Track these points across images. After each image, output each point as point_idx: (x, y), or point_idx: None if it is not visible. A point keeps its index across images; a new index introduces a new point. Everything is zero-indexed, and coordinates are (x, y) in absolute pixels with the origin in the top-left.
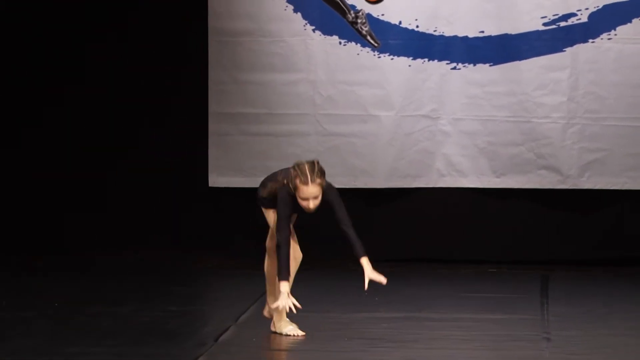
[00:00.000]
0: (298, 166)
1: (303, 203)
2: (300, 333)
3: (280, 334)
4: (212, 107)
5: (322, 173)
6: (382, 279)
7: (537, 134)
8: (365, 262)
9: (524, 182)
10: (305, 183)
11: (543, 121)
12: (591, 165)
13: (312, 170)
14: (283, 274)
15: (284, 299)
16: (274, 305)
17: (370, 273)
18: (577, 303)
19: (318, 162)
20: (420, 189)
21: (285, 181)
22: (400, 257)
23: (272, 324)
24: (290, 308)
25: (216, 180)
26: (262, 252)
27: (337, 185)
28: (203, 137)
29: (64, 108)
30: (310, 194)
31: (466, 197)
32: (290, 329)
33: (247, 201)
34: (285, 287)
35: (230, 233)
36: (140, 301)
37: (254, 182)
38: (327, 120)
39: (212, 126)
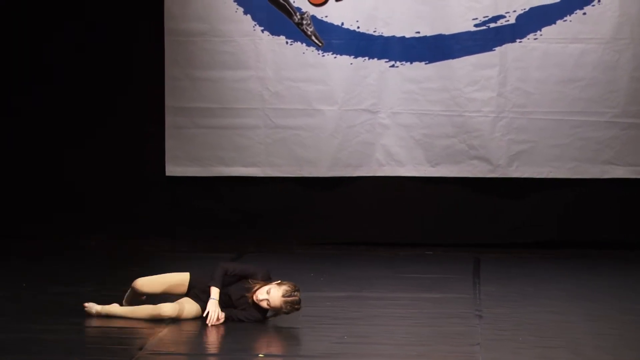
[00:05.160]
0: None
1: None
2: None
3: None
4: (169, 101)
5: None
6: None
7: (468, 127)
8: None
9: (457, 171)
10: None
11: (474, 115)
12: (519, 156)
13: None
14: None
15: (213, 305)
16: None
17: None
18: (506, 283)
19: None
20: (361, 178)
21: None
22: (343, 241)
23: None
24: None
25: (173, 170)
26: (210, 235)
27: (283, 175)
28: (160, 130)
29: (31, 100)
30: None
31: (404, 185)
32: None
33: (201, 190)
34: (215, 293)
35: (185, 219)
36: (99, 282)
37: (207, 171)
38: (275, 114)
39: (169, 120)
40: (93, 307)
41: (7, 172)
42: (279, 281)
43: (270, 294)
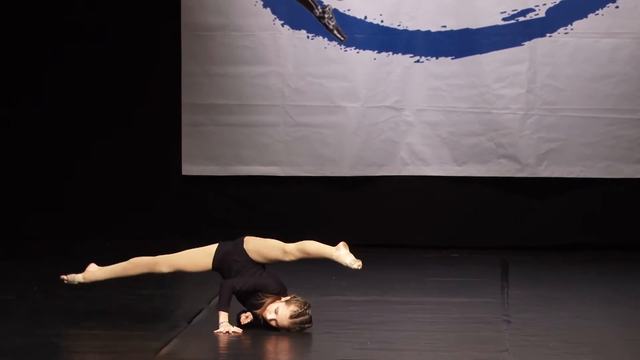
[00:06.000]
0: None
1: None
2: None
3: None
4: (185, 98)
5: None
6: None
7: (496, 125)
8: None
9: (485, 170)
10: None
11: (502, 112)
12: (548, 155)
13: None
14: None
15: (226, 326)
16: (216, 331)
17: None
18: (535, 287)
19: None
20: (385, 177)
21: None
22: (366, 243)
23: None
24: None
25: (189, 169)
26: (228, 235)
27: (304, 174)
28: (176, 128)
29: (41, 98)
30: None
31: (429, 185)
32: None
33: (218, 189)
34: (223, 317)
35: (201, 219)
36: (114, 285)
37: (225, 170)
38: (296, 111)
39: (185, 117)
40: (75, 278)
41: (21, 169)
42: (289, 298)
43: (278, 314)
